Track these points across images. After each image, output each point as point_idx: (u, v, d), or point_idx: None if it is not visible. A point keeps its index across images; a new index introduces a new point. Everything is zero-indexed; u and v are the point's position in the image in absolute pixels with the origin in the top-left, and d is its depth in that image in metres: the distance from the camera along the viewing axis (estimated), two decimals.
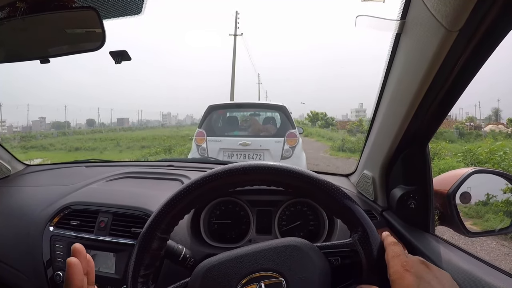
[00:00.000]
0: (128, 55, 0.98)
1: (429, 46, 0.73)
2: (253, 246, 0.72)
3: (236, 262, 0.69)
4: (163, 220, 0.71)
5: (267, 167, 0.71)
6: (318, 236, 1.21)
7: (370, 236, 0.68)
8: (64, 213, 1.29)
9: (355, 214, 0.69)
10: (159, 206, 0.72)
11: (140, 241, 0.70)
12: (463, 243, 3.52)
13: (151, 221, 0.71)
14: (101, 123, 42.26)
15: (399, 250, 0.65)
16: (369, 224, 0.69)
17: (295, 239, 0.73)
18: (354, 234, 0.70)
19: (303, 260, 0.69)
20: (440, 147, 10.63)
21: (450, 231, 1.09)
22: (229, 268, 0.69)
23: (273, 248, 0.71)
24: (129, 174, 1.60)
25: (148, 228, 0.71)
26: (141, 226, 1.14)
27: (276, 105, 5.72)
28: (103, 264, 1.17)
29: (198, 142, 5.22)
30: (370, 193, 1.23)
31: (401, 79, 0.90)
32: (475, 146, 9.23)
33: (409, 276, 0.59)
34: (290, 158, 4.92)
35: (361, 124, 28.14)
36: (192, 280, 0.70)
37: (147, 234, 0.71)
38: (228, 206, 1.29)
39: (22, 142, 21.27)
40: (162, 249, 0.74)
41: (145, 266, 0.70)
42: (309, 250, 0.70)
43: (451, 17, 0.64)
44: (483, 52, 0.70)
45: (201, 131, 5.26)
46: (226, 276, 0.68)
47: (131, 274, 0.70)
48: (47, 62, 0.97)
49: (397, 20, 0.82)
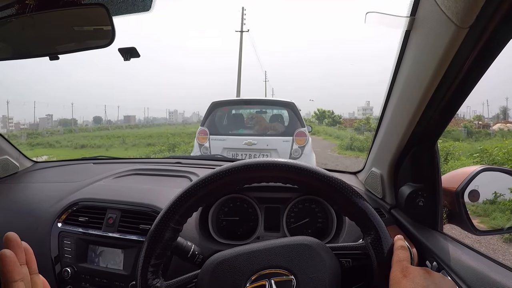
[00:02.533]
0: (137, 52, 0.98)
1: (439, 43, 0.72)
2: (265, 243, 0.73)
3: (247, 257, 0.70)
4: (177, 210, 0.71)
5: (284, 164, 0.71)
6: (326, 233, 1.20)
7: (383, 240, 0.68)
8: (72, 210, 1.30)
9: (369, 217, 0.69)
10: (175, 196, 0.72)
11: (153, 231, 0.71)
12: (469, 242, 3.50)
13: (166, 211, 0.71)
14: (107, 120, 42.46)
15: (403, 255, 0.65)
16: (382, 228, 0.69)
17: (307, 238, 0.73)
18: (367, 237, 0.70)
19: (315, 259, 0.69)
20: (453, 146, 10.27)
21: (457, 229, 1.08)
22: (240, 263, 0.69)
23: (285, 245, 0.71)
24: (137, 171, 1.61)
25: (162, 218, 0.71)
26: (149, 223, 1.15)
27: (284, 102, 5.44)
28: (111, 261, 1.18)
29: (200, 141, 4.98)
30: (378, 191, 1.23)
31: (411, 76, 0.89)
32: (491, 146, 9.02)
33: (405, 281, 0.60)
34: (299, 158, 4.60)
35: (368, 122, 27.94)
36: (202, 272, 0.71)
37: (160, 224, 0.71)
38: (236, 203, 1.28)
39: (29, 139, 21.43)
40: (174, 240, 0.74)
41: (156, 256, 0.71)
42: (321, 250, 0.70)
43: (461, 13, 0.63)
44: (494, 49, 0.69)
45: (204, 129, 5.02)
46: (237, 270, 0.68)
47: (142, 263, 0.70)
48: (57, 59, 0.97)
49: (407, 17, 0.82)
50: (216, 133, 5.02)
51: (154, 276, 0.71)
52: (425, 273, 0.61)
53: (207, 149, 4.87)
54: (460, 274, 0.78)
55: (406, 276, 0.60)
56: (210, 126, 5.08)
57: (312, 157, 5.06)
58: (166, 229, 0.71)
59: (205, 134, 4.96)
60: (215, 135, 4.97)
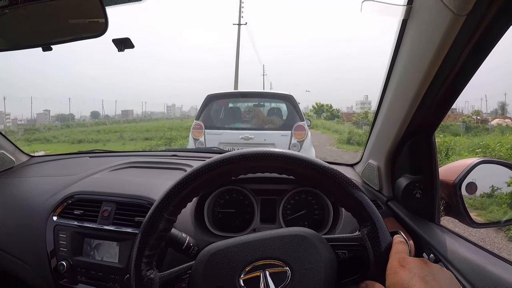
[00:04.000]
0: (131, 42, 0.97)
1: (436, 32, 0.71)
2: (260, 234, 0.72)
3: (242, 248, 0.69)
4: (171, 201, 0.71)
5: (281, 154, 0.70)
6: (322, 225, 1.20)
7: (379, 231, 0.67)
8: (67, 203, 1.30)
9: (366, 208, 0.68)
10: (168, 187, 0.71)
11: (147, 221, 0.70)
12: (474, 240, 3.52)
13: (159, 202, 0.71)
14: (105, 115, 42.37)
15: (402, 248, 0.65)
16: (379, 219, 0.68)
17: (303, 229, 0.72)
18: (364, 228, 0.69)
19: (310, 250, 0.68)
20: (454, 141, 10.05)
21: (454, 221, 1.08)
22: (235, 254, 0.68)
23: (280, 236, 0.70)
24: (133, 163, 1.60)
25: (155, 208, 0.70)
26: (144, 215, 1.14)
27: (282, 95, 5.19)
28: (107, 253, 1.18)
29: (195, 135, 4.78)
30: (375, 183, 1.22)
31: (408, 66, 0.88)
32: (493, 141, 8.94)
33: (402, 271, 0.59)
34: None
35: (367, 116, 27.88)
36: (196, 263, 0.70)
37: (154, 215, 0.70)
38: (232, 195, 1.28)
39: (26, 135, 21.36)
40: (168, 231, 0.73)
41: (150, 247, 0.70)
42: (316, 241, 0.70)
43: (458, 1, 0.62)
44: (492, 37, 0.68)
45: (199, 123, 4.80)
46: (231, 261, 0.68)
47: (136, 254, 0.70)
48: (50, 50, 0.96)
49: (404, 5, 0.81)
50: (211, 127, 4.83)
51: (148, 267, 0.70)
52: (422, 263, 0.61)
53: (202, 143, 4.71)
54: (457, 266, 0.78)
55: (404, 266, 0.60)
56: (206, 120, 4.88)
57: (312, 152, 4.91)
58: (160, 219, 0.70)
59: (200, 128, 4.78)
60: (210, 129, 4.79)
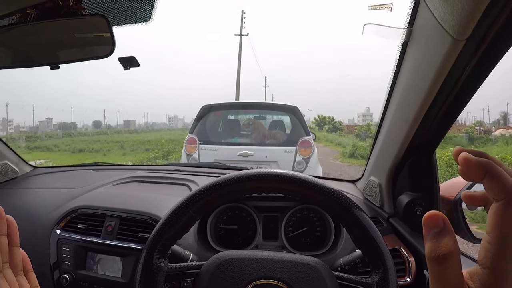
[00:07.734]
0: (136, 61, 0.98)
1: (436, 55, 0.73)
2: (274, 254, 0.75)
3: (254, 263, 0.71)
4: (199, 200, 0.73)
5: (304, 180, 0.72)
6: (324, 243, 1.21)
7: (390, 282, 0.67)
8: (71, 217, 1.30)
9: (380, 253, 0.68)
10: (202, 186, 0.74)
11: (171, 213, 0.73)
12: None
13: (187, 199, 0.73)
14: (107, 125, 42.42)
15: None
16: (391, 269, 0.68)
17: (318, 261, 0.74)
18: (374, 275, 0.69)
19: (318, 283, 0.70)
20: None
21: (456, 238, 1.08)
22: (246, 266, 0.71)
23: (293, 262, 0.72)
24: (136, 178, 1.61)
25: (184, 202, 0.73)
26: (148, 231, 1.14)
27: (286, 106, 4.61)
28: (110, 268, 1.18)
29: (188, 151, 4.24)
30: (377, 199, 1.23)
31: (408, 87, 0.90)
32: (502, 152, 8.80)
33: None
34: (303, 172, 3.38)
35: (369, 128, 27.66)
36: (207, 264, 0.73)
37: (181, 208, 0.73)
38: (234, 212, 1.28)
39: (27, 143, 21.36)
40: (188, 229, 0.76)
41: (167, 237, 0.72)
42: (327, 275, 0.71)
43: (458, 26, 0.64)
44: (490, 61, 0.69)
45: (193, 137, 4.26)
46: (241, 272, 0.70)
47: (152, 239, 0.72)
48: (57, 68, 0.98)
49: (404, 28, 0.82)
50: (206, 142, 4.28)
51: (159, 256, 0.72)
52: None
53: (195, 160, 4.18)
54: None
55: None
56: (200, 134, 4.33)
57: (319, 170, 4.35)
58: (184, 214, 0.73)
59: (194, 142, 4.24)
60: (205, 143, 4.26)
